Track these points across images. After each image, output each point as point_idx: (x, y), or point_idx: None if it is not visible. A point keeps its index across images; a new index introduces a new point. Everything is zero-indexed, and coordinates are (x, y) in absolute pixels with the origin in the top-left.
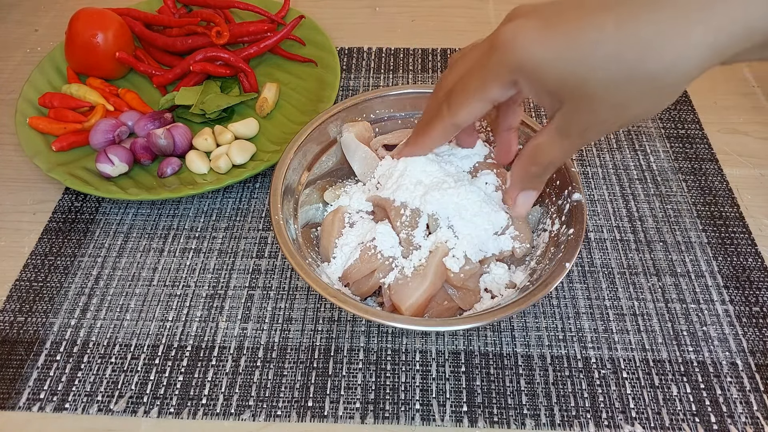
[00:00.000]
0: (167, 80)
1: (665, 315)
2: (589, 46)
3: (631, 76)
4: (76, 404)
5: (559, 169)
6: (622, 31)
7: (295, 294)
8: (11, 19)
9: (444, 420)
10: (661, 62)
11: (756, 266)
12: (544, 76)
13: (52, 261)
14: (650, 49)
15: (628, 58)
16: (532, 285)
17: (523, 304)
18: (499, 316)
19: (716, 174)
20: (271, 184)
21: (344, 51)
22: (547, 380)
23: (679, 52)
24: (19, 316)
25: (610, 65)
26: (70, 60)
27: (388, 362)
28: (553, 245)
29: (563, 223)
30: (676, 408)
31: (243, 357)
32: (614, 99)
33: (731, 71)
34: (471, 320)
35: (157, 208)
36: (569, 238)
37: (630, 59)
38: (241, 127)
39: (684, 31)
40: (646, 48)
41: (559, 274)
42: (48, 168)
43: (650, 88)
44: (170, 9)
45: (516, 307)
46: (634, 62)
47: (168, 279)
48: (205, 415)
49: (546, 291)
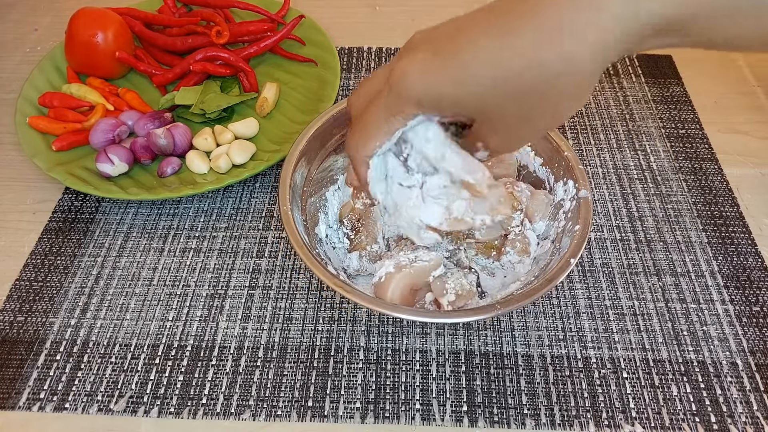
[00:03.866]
0: (167, 80)
1: (665, 315)
2: (473, 70)
3: (520, 92)
4: (76, 404)
5: (568, 166)
6: (501, 52)
7: (295, 294)
8: (11, 19)
9: (444, 420)
10: (544, 75)
11: (756, 266)
12: (441, 104)
13: (52, 261)
14: (530, 66)
15: (513, 76)
16: (537, 280)
17: (529, 298)
18: (504, 309)
19: (716, 174)
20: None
21: (344, 50)
22: (547, 380)
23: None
24: (19, 316)
25: (500, 84)
26: (70, 59)
27: (389, 362)
28: (559, 241)
29: (569, 219)
30: (676, 408)
31: (243, 357)
32: (513, 114)
33: (731, 71)
34: (476, 313)
35: (157, 207)
36: (575, 234)
37: (515, 78)
38: (241, 126)
39: (559, 43)
40: (526, 65)
41: (564, 269)
42: (48, 167)
43: (544, 98)
44: (170, 8)
45: (521, 301)
46: (519, 79)
47: (168, 279)
48: (206, 415)
49: (551, 286)
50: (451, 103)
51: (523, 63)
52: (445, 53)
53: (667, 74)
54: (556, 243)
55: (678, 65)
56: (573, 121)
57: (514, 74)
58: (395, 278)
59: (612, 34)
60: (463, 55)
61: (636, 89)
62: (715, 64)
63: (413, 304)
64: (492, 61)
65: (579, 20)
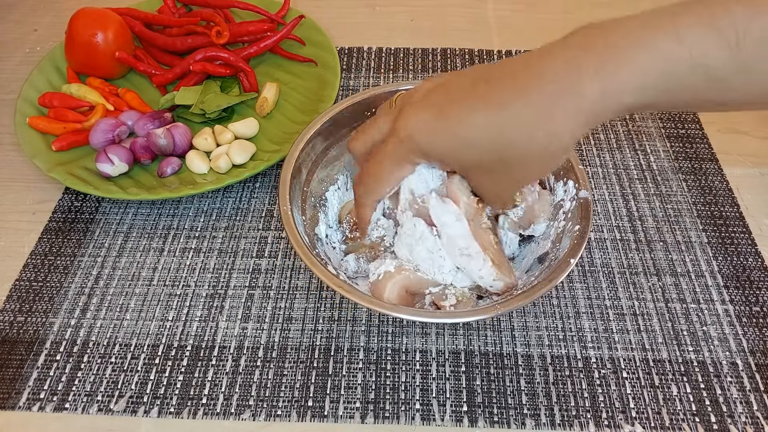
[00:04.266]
0: (167, 80)
1: (665, 315)
2: (472, 133)
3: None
4: (76, 404)
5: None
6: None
7: (295, 294)
8: (10, 19)
9: (444, 420)
10: (538, 141)
11: (756, 266)
12: (444, 159)
13: (52, 261)
14: (527, 132)
15: (512, 139)
16: (537, 280)
17: (529, 299)
18: (504, 309)
19: (716, 174)
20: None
21: (344, 51)
22: (547, 380)
23: (552, 131)
24: (19, 316)
25: (497, 148)
26: (70, 60)
27: (388, 362)
28: (559, 242)
29: (569, 220)
30: (676, 408)
31: (243, 357)
32: (504, 172)
33: None
34: (476, 313)
35: (157, 207)
36: (575, 234)
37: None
38: (241, 126)
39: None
40: (524, 131)
41: (564, 269)
42: (48, 168)
43: (534, 159)
44: (170, 9)
45: (521, 300)
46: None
47: (168, 279)
48: (206, 415)
49: (551, 286)
50: (452, 159)
51: (515, 135)
52: (448, 117)
53: None
54: (555, 243)
55: None
56: None
57: (507, 143)
58: (394, 278)
59: (591, 115)
60: (464, 122)
61: None
62: None
63: (411, 305)
64: (489, 130)
65: (563, 105)
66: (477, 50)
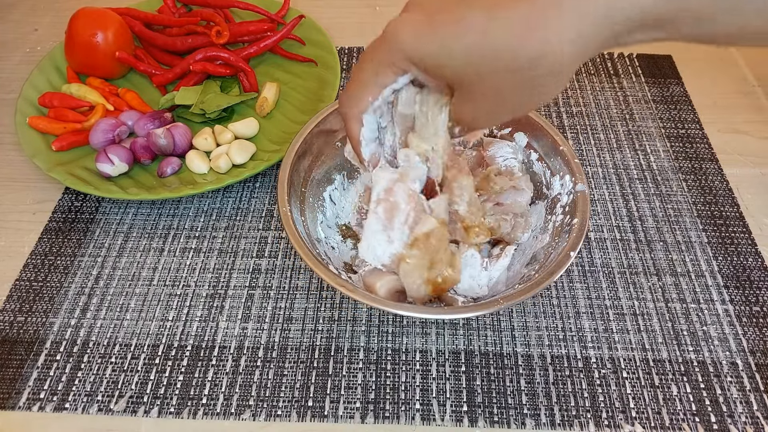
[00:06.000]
0: (167, 80)
1: (665, 315)
2: (463, 38)
3: (501, 65)
4: (76, 404)
5: (564, 161)
6: (490, 23)
7: (295, 294)
8: (11, 19)
9: (444, 420)
10: (529, 51)
11: (756, 266)
12: (428, 66)
13: (52, 261)
14: (516, 39)
15: (497, 48)
16: (538, 274)
17: (529, 292)
18: (505, 304)
19: (716, 174)
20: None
21: (344, 50)
22: (547, 380)
23: (545, 39)
24: (19, 316)
25: (483, 55)
26: (70, 60)
27: (389, 362)
28: (557, 236)
29: (567, 213)
30: (676, 408)
31: (243, 357)
32: (491, 88)
33: (731, 71)
34: (478, 308)
35: (157, 207)
36: (573, 228)
37: (499, 49)
38: (241, 126)
39: (546, 21)
40: (513, 38)
41: (564, 262)
42: (48, 167)
43: (524, 77)
44: (170, 8)
45: (522, 296)
46: (503, 52)
47: (168, 279)
48: (206, 415)
49: (552, 279)
50: (436, 64)
51: (504, 42)
52: (438, 17)
53: (667, 74)
54: (554, 237)
55: (678, 65)
56: (573, 121)
57: (494, 53)
58: (382, 279)
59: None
60: (451, 27)
61: (636, 89)
62: (715, 64)
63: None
64: (479, 33)
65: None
66: None
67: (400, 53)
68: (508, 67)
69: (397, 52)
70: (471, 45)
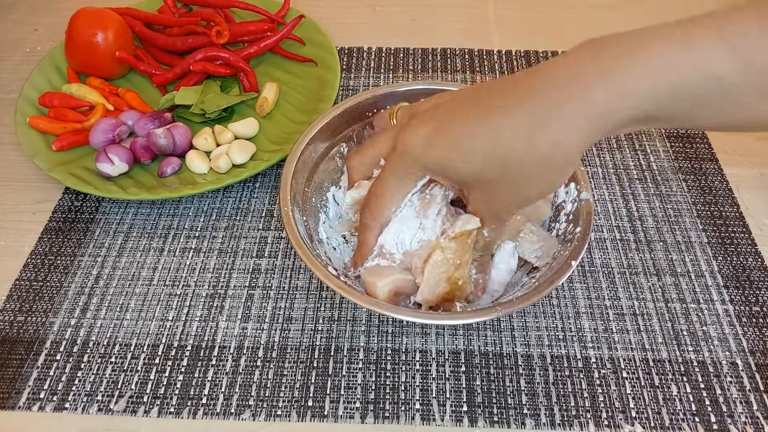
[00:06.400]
0: (167, 80)
1: (665, 315)
2: (471, 142)
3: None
4: (76, 404)
5: None
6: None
7: (295, 294)
8: (11, 19)
9: (444, 420)
10: (534, 155)
11: (756, 266)
12: (445, 172)
13: (52, 260)
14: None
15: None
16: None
17: (529, 300)
18: (503, 311)
19: (716, 174)
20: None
21: (344, 51)
22: (547, 380)
23: (554, 141)
24: (19, 316)
25: (494, 160)
26: (70, 59)
27: (388, 362)
28: (560, 244)
29: (570, 221)
30: (676, 408)
31: (243, 357)
32: (505, 185)
33: None
34: (477, 314)
35: (157, 207)
36: (576, 236)
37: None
38: (241, 126)
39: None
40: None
41: (565, 271)
42: (48, 167)
43: (536, 172)
44: (170, 8)
45: (522, 303)
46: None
47: (168, 278)
48: (206, 415)
49: (552, 287)
50: (452, 171)
51: (515, 144)
52: (447, 128)
53: None
54: None
55: None
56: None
57: (506, 153)
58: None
59: (595, 124)
60: (462, 131)
61: None
62: None
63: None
64: (489, 139)
65: (568, 111)
66: (477, 50)
67: (416, 164)
68: (519, 165)
69: (412, 164)
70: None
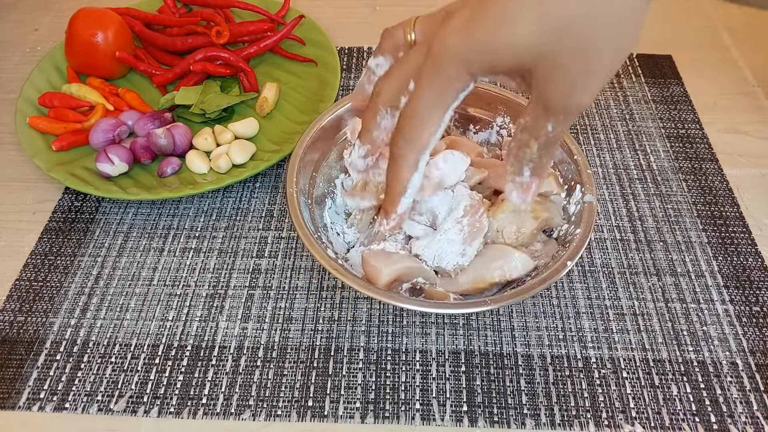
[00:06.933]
0: (167, 80)
1: (665, 315)
2: (519, 12)
3: (571, 24)
4: (76, 404)
5: (577, 170)
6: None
7: (295, 294)
8: (11, 19)
9: (444, 420)
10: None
11: (756, 266)
12: (494, 62)
13: (52, 261)
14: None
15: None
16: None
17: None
18: (494, 305)
19: (716, 174)
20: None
21: (344, 50)
22: (547, 380)
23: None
24: (19, 316)
25: (547, 23)
26: (70, 59)
27: (388, 362)
28: (561, 244)
29: (572, 223)
30: (676, 408)
31: (243, 357)
32: (572, 52)
33: (731, 71)
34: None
35: (157, 207)
36: (575, 237)
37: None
38: (241, 126)
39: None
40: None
41: (561, 270)
42: (48, 167)
43: (602, 25)
44: (170, 8)
45: (513, 298)
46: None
47: (168, 279)
48: (206, 415)
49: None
50: (502, 56)
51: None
52: (484, 6)
53: (667, 74)
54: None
55: (678, 65)
56: (573, 121)
57: (561, 5)
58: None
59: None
60: (503, 2)
61: (636, 89)
62: (715, 65)
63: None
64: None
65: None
66: None
67: (457, 64)
68: (584, 29)
69: (452, 66)
70: (535, 17)
